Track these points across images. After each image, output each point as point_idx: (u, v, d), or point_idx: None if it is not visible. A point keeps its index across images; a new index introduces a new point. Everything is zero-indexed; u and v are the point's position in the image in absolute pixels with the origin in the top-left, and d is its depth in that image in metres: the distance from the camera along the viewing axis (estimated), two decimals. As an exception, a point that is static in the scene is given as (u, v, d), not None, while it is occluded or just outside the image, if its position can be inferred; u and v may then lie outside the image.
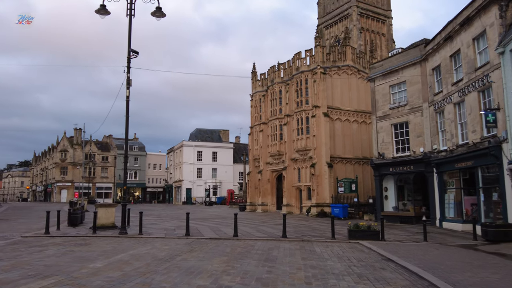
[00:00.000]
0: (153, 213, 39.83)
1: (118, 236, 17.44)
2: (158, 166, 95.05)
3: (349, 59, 38.34)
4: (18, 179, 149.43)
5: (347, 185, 32.97)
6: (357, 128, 37.77)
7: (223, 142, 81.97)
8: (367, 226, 17.74)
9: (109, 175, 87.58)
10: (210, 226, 22.94)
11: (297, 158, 37.80)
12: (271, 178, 42.68)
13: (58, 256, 11.99)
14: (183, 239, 16.79)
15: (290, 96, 39.60)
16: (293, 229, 21.30)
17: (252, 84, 46.68)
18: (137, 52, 19.20)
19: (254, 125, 45.56)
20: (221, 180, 74.79)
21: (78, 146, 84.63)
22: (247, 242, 15.84)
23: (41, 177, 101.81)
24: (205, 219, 29.56)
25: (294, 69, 39.07)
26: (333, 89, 36.85)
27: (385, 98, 28.89)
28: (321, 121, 35.36)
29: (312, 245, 15.43)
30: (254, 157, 45.41)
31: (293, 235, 18.35)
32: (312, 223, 26.78)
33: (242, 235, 18.08)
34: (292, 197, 38.64)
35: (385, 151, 28.50)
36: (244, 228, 21.86)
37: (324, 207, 34.02)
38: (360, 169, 37.13)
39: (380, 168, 28.75)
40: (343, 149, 36.67)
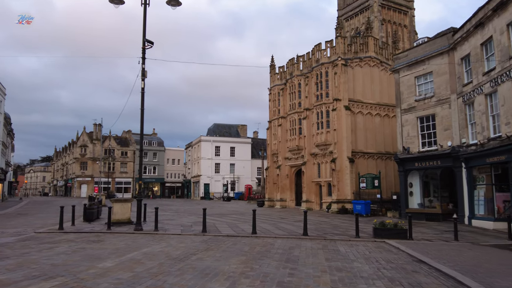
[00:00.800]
0: (171, 208, 39.43)
1: (133, 233, 16.87)
2: (177, 161, 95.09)
3: (371, 50, 37.02)
4: (40, 174, 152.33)
5: (369, 180, 31.82)
6: (379, 121, 36.49)
7: (241, 137, 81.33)
8: (394, 224, 16.72)
9: (128, 170, 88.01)
10: (228, 223, 22.23)
11: (317, 153, 36.78)
12: (290, 174, 41.77)
13: (68, 254, 11.41)
14: (199, 236, 16.11)
15: (309, 89, 38.54)
16: (314, 227, 20.42)
17: (270, 77, 45.73)
18: (152, 42, 18.53)
19: (273, 119, 44.65)
20: (239, 175, 74.22)
21: (98, 141, 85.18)
22: (266, 240, 15.04)
23: (62, 172, 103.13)
24: (222, 215, 28.90)
25: (314, 61, 37.96)
26: (354, 81, 35.63)
27: (410, 90, 27.62)
28: (342, 114, 34.23)
29: (336, 244, 14.54)
30: (273, 152, 44.54)
31: (314, 233, 17.47)
32: (333, 220, 25.82)
33: (261, 232, 17.30)
34: (311, 193, 37.67)
35: (410, 145, 27.27)
36: (262, 225, 21.08)
37: (345, 204, 32.97)
38: (382, 164, 35.89)
39: (405, 163, 27.55)
40: (365, 144, 35.47)
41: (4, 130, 55.81)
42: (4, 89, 52.50)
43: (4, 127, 55.31)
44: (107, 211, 20.45)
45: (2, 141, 53.56)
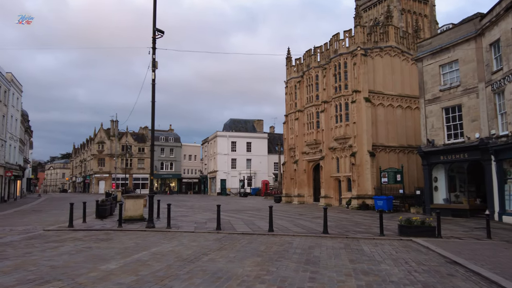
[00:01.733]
0: (187, 204, 38.84)
1: (145, 230, 16.15)
2: (194, 157, 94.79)
3: (392, 39, 35.56)
4: (59, 171, 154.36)
5: (391, 175, 30.54)
6: (401, 114, 35.07)
7: (257, 132, 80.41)
8: (421, 221, 15.57)
9: (145, 166, 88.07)
10: (244, 219, 21.37)
11: (336, 147, 35.61)
12: (307, 169, 40.68)
13: (72, 254, 10.69)
14: (213, 233, 15.27)
15: (327, 81, 37.31)
16: (334, 224, 19.39)
17: (287, 70, 44.60)
18: (162, 31, 17.73)
19: (289, 113, 43.56)
20: (255, 171, 73.39)
21: (115, 138, 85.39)
22: (283, 239, 14.11)
23: (80, 168, 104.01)
24: (238, 211, 28.07)
25: (332, 52, 36.69)
26: (374, 72, 34.27)
27: (435, 79, 26.23)
28: (362, 106, 32.95)
29: (359, 243, 13.51)
30: (290, 146, 43.50)
31: (335, 231, 16.46)
32: (354, 217, 24.72)
33: (278, 230, 16.38)
34: (330, 189, 36.54)
35: (435, 138, 25.92)
36: (279, 221, 20.15)
37: (365, 199, 31.77)
38: (404, 158, 34.52)
39: (429, 156, 26.22)
40: (386, 137, 34.12)
41: (21, 127, 56.11)
42: (21, 86, 52.68)
43: (21, 124, 55.59)
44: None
45: (20, 138, 53.82)
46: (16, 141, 50.96)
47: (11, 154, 48.30)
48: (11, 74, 46.77)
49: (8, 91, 45.40)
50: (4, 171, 43.82)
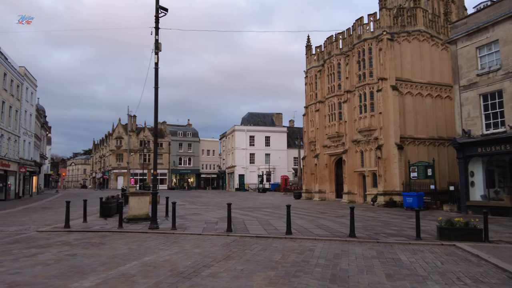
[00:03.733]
0: (202, 200, 37.13)
1: (146, 232, 14.35)
2: (212, 152, 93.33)
3: (420, 23, 32.83)
4: (80, 167, 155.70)
5: (421, 169, 28.04)
6: (431, 103, 32.40)
7: (276, 126, 78.19)
8: (465, 223, 13.29)
9: (163, 161, 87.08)
10: (259, 219, 19.36)
11: (360, 139, 33.21)
12: (329, 163, 38.38)
13: (48, 265, 8.91)
14: (223, 236, 13.34)
15: (350, 69, 34.86)
16: (361, 224, 17.22)
17: (307, 58, 42.25)
18: (166, 9, 15.83)
19: (309, 105, 41.26)
20: (274, 166, 71.30)
21: (133, 133, 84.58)
22: (303, 244, 12.06)
23: (100, 164, 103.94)
24: (255, 209, 26.12)
25: (355, 38, 34.20)
26: (402, 58, 31.67)
27: (471, 63, 23.61)
28: (388, 95, 30.44)
29: (393, 250, 11.37)
30: (310, 140, 41.24)
31: (363, 233, 14.31)
32: (382, 215, 22.45)
33: (297, 232, 14.33)
34: (354, 184, 34.20)
35: (472, 128, 23.34)
36: (299, 221, 18.09)
37: (393, 196, 29.36)
38: (435, 151, 31.89)
39: (465, 148, 23.66)
40: (414, 128, 31.54)
41: (37, 123, 55.45)
42: (35, 81, 51.89)
43: (36, 119, 54.91)
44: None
45: (35, 133, 53.11)
46: (31, 137, 50.22)
47: (26, 149, 47.55)
48: (24, 68, 45.89)
49: (21, 85, 44.52)
50: (18, 167, 43.02)
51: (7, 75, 39.28)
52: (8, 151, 39.96)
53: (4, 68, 38.45)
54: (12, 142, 41.36)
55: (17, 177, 43.36)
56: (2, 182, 38.73)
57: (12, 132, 41.23)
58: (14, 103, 41.82)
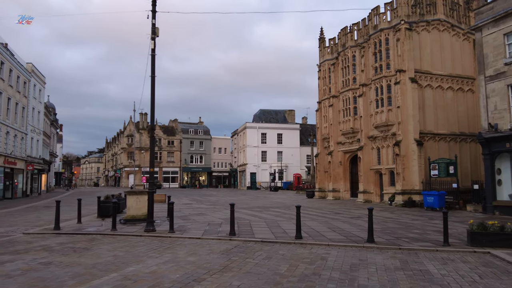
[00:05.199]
0: (210, 199, 35.78)
1: (140, 235, 12.99)
2: (223, 150, 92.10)
3: (440, 11, 30.90)
4: (94, 165, 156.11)
5: (442, 167, 26.21)
6: (452, 96, 30.47)
7: (289, 123, 76.49)
8: (500, 227, 11.61)
9: (175, 159, 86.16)
10: (268, 220, 17.87)
11: (376, 135, 31.46)
12: (343, 160, 36.68)
13: (10, 277, 7.58)
14: (224, 241, 11.89)
15: (366, 61, 33.08)
16: (379, 226, 15.61)
17: (320, 52, 40.55)
18: (164, -10, 14.41)
19: (323, 100, 39.57)
20: (287, 163, 69.67)
21: (144, 131, 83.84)
22: (314, 251, 10.54)
23: (112, 162, 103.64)
24: (264, 209, 24.64)
25: (371, 28, 32.40)
26: (421, 49, 29.80)
27: (498, 51, 21.73)
28: (407, 88, 28.63)
29: (419, 258, 9.78)
30: (323, 136, 39.56)
31: (382, 238, 12.73)
32: (401, 216, 20.78)
33: (308, 236, 12.81)
34: (370, 183, 32.46)
35: (499, 121, 21.48)
36: (311, 223, 16.56)
37: (412, 195, 27.58)
38: (456, 148, 29.96)
39: (492, 144, 21.81)
40: (435, 123, 29.66)
41: (45, 120, 54.82)
42: (44, 78, 51.21)
43: (45, 117, 54.28)
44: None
45: (44, 131, 52.46)
46: (39, 134, 49.54)
47: (34, 147, 46.85)
48: (31, 65, 45.14)
49: (29, 82, 43.76)
50: (25, 165, 42.29)
51: (13, 71, 38.48)
52: (14, 149, 39.20)
53: (9, 64, 37.64)
54: (18, 140, 40.60)
55: (25, 175, 42.64)
56: (8, 180, 37.96)
57: (18, 130, 40.46)
58: (21, 99, 41.05)
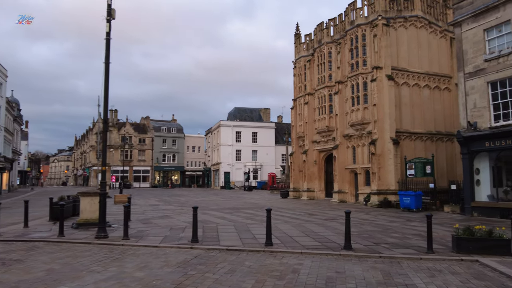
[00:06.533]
0: (180, 199, 34.14)
1: (89, 243, 11.43)
2: (197, 148, 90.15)
3: (417, 8, 30.24)
4: (63, 164, 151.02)
5: (419, 166, 25.51)
6: (428, 95, 29.86)
7: (264, 122, 75.32)
8: (488, 232, 10.63)
9: (146, 158, 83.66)
10: (237, 223, 16.52)
11: (352, 134, 30.58)
12: (318, 160, 35.71)
13: None
14: (184, 250, 10.48)
15: (342, 58, 32.16)
16: (356, 230, 14.51)
17: (295, 48, 39.47)
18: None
19: (298, 97, 38.50)
20: (261, 163, 68.49)
21: (114, 128, 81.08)
22: (285, 261, 9.26)
23: (81, 161, 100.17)
24: (236, 210, 23.30)
25: (348, 24, 31.47)
26: (398, 46, 29.06)
27: (478, 47, 21.04)
28: (383, 85, 27.81)
29: (403, 269, 8.65)
30: (298, 135, 38.51)
31: (360, 243, 11.60)
32: (377, 217, 19.82)
33: (279, 242, 11.54)
34: (345, 182, 31.56)
35: (478, 120, 20.80)
36: (283, 226, 15.31)
37: (388, 195, 26.78)
38: (432, 147, 29.36)
39: (471, 143, 21.11)
40: (411, 122, 28.98)
41: (7, 116, 51.78)
42: (5, 71, 48.28)
43: (7, 112, 51.26)
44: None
45: (5, 127, 49.49)
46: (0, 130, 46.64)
47: (-8, 144, 44.00)
48: (-10, 56, 42.29)
49: (-14, 74, 40.96)
50: (-19, 163, 39.54)
51: (-33, 62, 35.77)
52: (-31, 145, 36.49)
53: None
54: (-26, 136, 37.87)
55: (-19, 174, 39.88)
56: (-38, 179, 35.29)
57: (-26, 125, 37.73)
58: (-23, 93, 38.29)
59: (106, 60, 12.64)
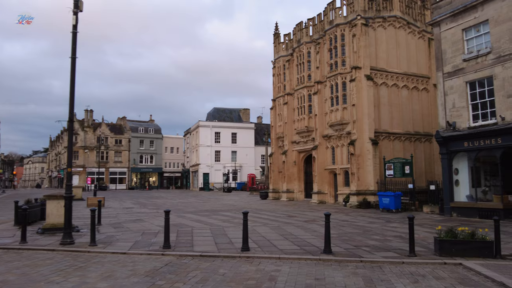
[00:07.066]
0: (157, 202, 33.23)
1: (53, 250, 10.65)
2: (176, 149, 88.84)
3: (396, 8, 30.22)
4: (38, 165, 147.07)
5: (398, 167, 25.38)
6: (407, 95, 29.86)
7: (243, 122, 74.70)
8: (471, 234, 10.35)
9: (123, 159, 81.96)
10: (214, 227, 15.91)
11: (331, 134, 30.32)
12: (298, 160, 35.37)
13: None
14: (154, 257, 9.83)
15: (321, 57, 31.89)
16: (335, 231, 14.10)
17: (274, 47, 39.07)
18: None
19: (277, 97, 38.09)
20: (241, 164, 67.87)
21: (89, 129, 79.20)
22: (262, 268, 8.73)
23: (56, 162, 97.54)
24: (213, 212, 22.66)
25: (327, 24, 31.22)
26: (377, 46, 28.95)
27: (456, 46, 21.00)
28: (362, 86, 27.63)
29: (385, 275, 8.23)
30: (278, 135, 38.10)
31: (340, 247, 11.18)
32: (357, 218, 19.51)
33: (256, 246, 11.01)
34: (324, 183, 31.28)
35: (457, 120, 20.74)
36: (262, 229, 14.79)
37: (367, 196, 26.61)
38: (411, 147, 29.37)
39: (450, 143, 21.04)
40: (390, 122, 28.91)
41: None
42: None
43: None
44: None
45: (-27, 127, 47.50)
46: (-33, 131, 44.71)
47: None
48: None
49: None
50: None
51: None
52: None
53: None
54: None
55: None
56: None
57: None
58: None
59: (73, 54, 11.88)
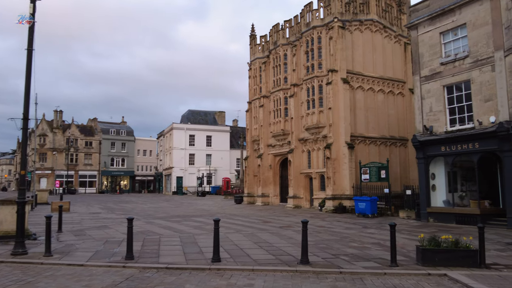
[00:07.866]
0: (126, 207, 31.92)
1: (2, 262, 9.55)
2: (148, 152, 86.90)
3: (373, 12, 30.06)
4: (5, 167, 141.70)
5: (374, 171, 25.05)
6: (383, 100, 29.69)
7: (219, 125, 73.71)
8: (454, 242, 9.85)
9: (93, 162, 79.45)
10: (184, 234, 14.99)
11: (307, 138, 29.83)
12: (273, 164, 34.73)
13: None
14: (114, 269, 8.90)
15: (298, 60, 31.42)
16: (312, 238, 13.42)
17: (251, 49, 38.41)
18: None
19: (253, 100, 37.40)
20: (216, 167, 66.81)
21: (59, 130, 76.51)
22: (234, 282, 7.93)
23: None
24: (185, 218, 21.69)
25: (304, 26, 30.78)
26: (353, 49, 28.66)
27: (434, 50, 20.82)
28: (339, 89, 27.25)
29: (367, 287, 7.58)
30: (253, 138, 37.39)
31: (317, 256, 10.51)
32: (333, 224, 18.96)
33: (228, 256, 10.20)
34: (300, 187, 30.73)
35: (434, 124, 20.52)
36: (235, 236, 13.98)
37: (342, 200, 26.17)
38: (386, 151, 29.16)
39: (427, 147, 20.78)
40: (365, 126, 28.62)
41: None
42: None
43: None
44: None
45: None
46: None
47: None
48: None
49: None
50: None
51: None
52: None
53: None
54: None
55: None
56: None
57: None
58: None
59: (29, 46, 10.85)
